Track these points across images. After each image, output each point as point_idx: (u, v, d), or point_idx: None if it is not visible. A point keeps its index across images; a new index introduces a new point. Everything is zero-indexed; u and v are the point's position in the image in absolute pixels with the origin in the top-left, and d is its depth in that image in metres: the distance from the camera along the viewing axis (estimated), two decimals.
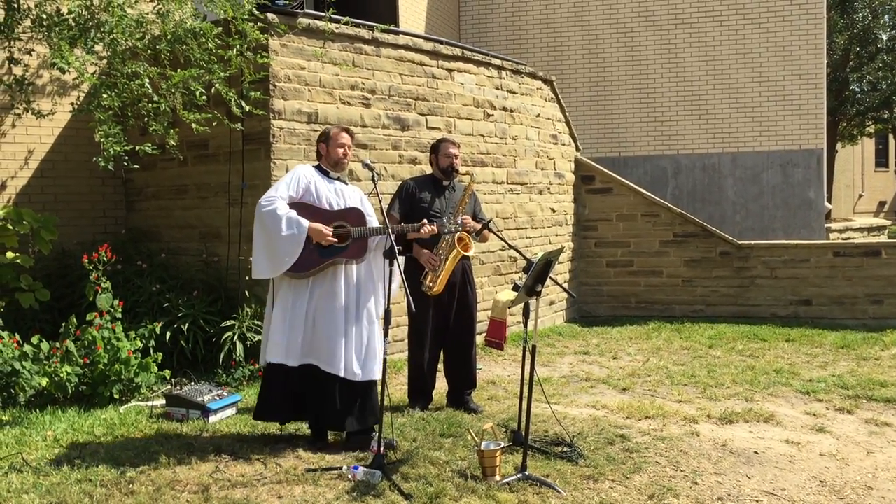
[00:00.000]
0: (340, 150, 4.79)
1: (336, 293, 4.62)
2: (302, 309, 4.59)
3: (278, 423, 4.94)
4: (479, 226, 5.48)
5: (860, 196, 28.98)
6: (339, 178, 4.85)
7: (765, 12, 12.84)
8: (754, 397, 6.23)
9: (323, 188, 4.71)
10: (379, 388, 4.59)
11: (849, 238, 14.75)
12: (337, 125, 4.97)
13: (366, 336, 4.66)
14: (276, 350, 4.61)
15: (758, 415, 5.67)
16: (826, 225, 13.72)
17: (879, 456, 4.92)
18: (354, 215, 4.67)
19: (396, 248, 4.41)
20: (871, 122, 23.84)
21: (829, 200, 17.53)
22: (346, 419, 4.66)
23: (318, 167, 4.85)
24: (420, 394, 5.67)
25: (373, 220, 4.78)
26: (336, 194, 4.75)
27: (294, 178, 4.68)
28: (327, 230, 4.55)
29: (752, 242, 10.32)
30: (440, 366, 5.80)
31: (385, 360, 4.39)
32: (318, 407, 4.67)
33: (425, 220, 4.97)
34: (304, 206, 4.60)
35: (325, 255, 4.58)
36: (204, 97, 5.98)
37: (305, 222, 4.50)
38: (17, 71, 6.30)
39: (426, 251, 5.35)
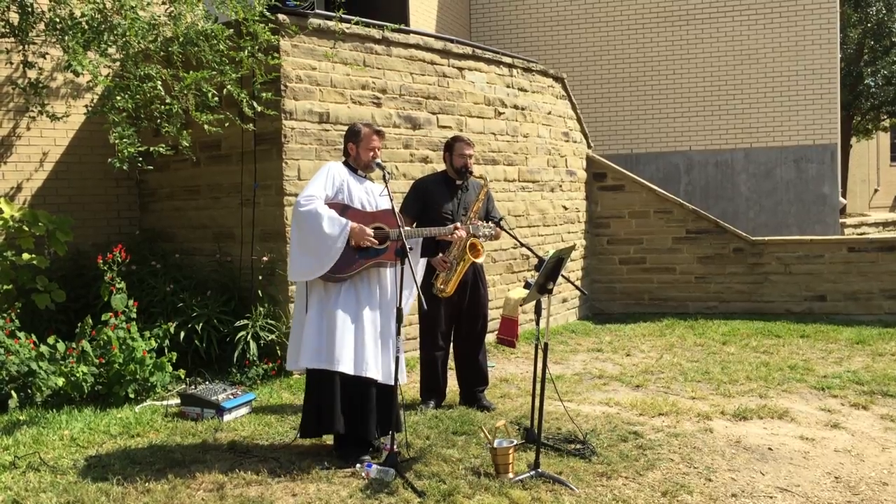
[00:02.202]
0: (371, 154, 4.67)
1: (373, 296, 4.54)
2: (343, 312, 4.41)
3: (329, 435, 4.64)
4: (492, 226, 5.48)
5: (876, 191, 28.74)
6: (366, 177, 4.75)
7: (777, 7, 12.77)
8: (768, 394, 6.21)
9: (355, 188, 4.60)
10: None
11: (864, 233, 14.67)
12: (367, 124, 4.78)
13: (395, 339, 4.56)
14: (315, 356, 4.41)
15: (772, 411, 5.65)
16: (841, 220, 13.64)
17: (895, 452, 4.89)
18: (390, 217, 4.52)
19: (406, 248, 4.39)
20: (885, 117, 23.62)
21: (844, 195, 17.43)
22: (380, 425, 4.54)
23: (346, 164, 4.72)
24: (432, 391, 5.68)
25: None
26: (367, 194, 4.65)
27: (329, 176, 4.54)
28: (369, 231, 4.44)
29: (766, 238, 10.28)
30: (452, 363, 5.81)
31: (398, 359, 4.39)
32: (357, 414, 4.48)
33: (458, 224, 4.98)
34: (343, 208, 4.49)
35: (365, 256, 4.47)
36: (216, 98, 6.02)
37: (349, 223, 4.38)
38: (32, 74, 6.36)
39: (439, 254, 5.36)
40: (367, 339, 4.45)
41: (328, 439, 4.72)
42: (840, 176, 13.69)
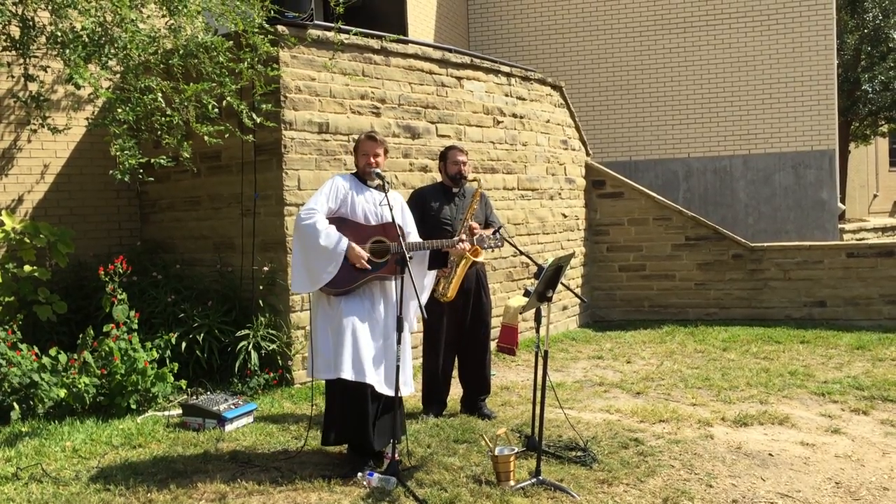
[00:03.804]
0: (366, 159, 4.66)
1: (377, 307, 4.55)
2: (346, 322, 4.42)
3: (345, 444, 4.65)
4: (489, 232, 5.50)
5: (875, 196, 28.74)
6: (375, 187, 4.71)
7: (774, 14, 12.82)
8: (769, 399, 6.22)
9: (359, 200, 4.61)
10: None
11: (863, 238, 14.68)
12: (367, 132, 4.83)
13: (399, 350, 4.51)
14: (325, 367, 4.46)
15: (772, 417, 5.66)
16: (840, 226, 13.66)
17: (895, 457, 4.90)
18: (393, 231, 4.52)
19: (406, 257, 4.43)
20: (883, 122, 23.66)
21: (843, 201, 17.43)
22: (386, 436, 4.55)
23: (355, 175, 4.75)
24: (434, 400, 5.69)
25: (412, 234, 4.74)
26: (373, 205, 4.64)
27: (333, 189, 4.56)
28: (363, 255, 4.45)
29: (765, 244, 10.30)
30: (454, 372, 5.82)
31: (398, 368, 4.40)
32: (361, 423, 4.48)
33: (463, 236, 4.97)
34: (341, 221, 4.51)
35: (363, 271, 4.48)
36: (216, 110, 6.05)
37: (345, 241, 4.39)
38: (33, 87, 6.39)
39: None
40: (369, 348, 4.46)
41: (327, 448, 4.74)
42: (839, 181, 13.72)
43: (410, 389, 4.64)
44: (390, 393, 4.45)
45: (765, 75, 12.89)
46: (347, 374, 4.37)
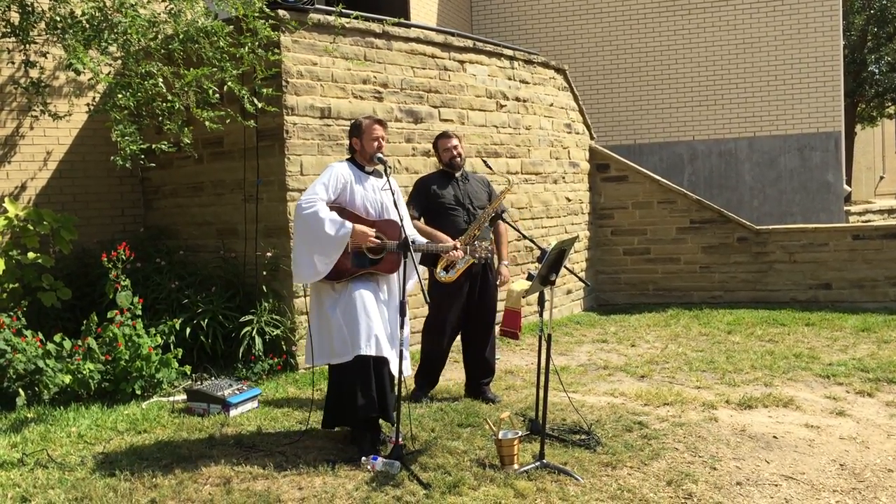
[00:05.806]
0: (375, 143, 4.63)
1: (380, 291, 4.57)
2: (356, 303, 4.43)
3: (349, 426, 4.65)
4: (486, 243, 5.43)
5: (881, 178, 28.63)
6: (373, 172, 4.71)
7: None
8: (774, 382, 6.21)
9: (358, 189, 4.58)
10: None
11: (869, 221, 14.62)
12: (368, 116, 4.78)
13: (402, 334, 4.51)
14: (342, 348, 4.44)
15: (777, 399, 5.65)
16: (846, 208, 13.61)
17: None
18: (392, 228, 4.53)
19: (408, 242, 4.42)
20: (890, 104, 23.50)
21: (850, 183, 17.37)
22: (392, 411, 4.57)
23: (351, 161, 4.71)
24: (427, 379, 5.70)
25: (406, 219, 4.69)
26: (372, 192, 4.63)
27: (332, 177, 4.52)
28: (370, 231, 4.45)
29: (770, 227, 10.26)
30: (458, 356, 5.81)
31: (402, 352, 4.40)
32: (381, 398, 4.51)
33: (457, 243, 4.97)
34: (340, 211, 4.48)
35: (359, 264, 4.49)
36: (217, 95, 6.02)
37: (349, 224, 4.39)
38: (34, 73, 6.38)
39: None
40: (380, 324, 4.47)
41: (321, 431, 4.74)
42: (844, 164, 13.64)
43: (408, 372, 4.67)
44: (395, 373, 4.45)
45: (770, 57, 12.79)
46: (366, 349, 4.38)
